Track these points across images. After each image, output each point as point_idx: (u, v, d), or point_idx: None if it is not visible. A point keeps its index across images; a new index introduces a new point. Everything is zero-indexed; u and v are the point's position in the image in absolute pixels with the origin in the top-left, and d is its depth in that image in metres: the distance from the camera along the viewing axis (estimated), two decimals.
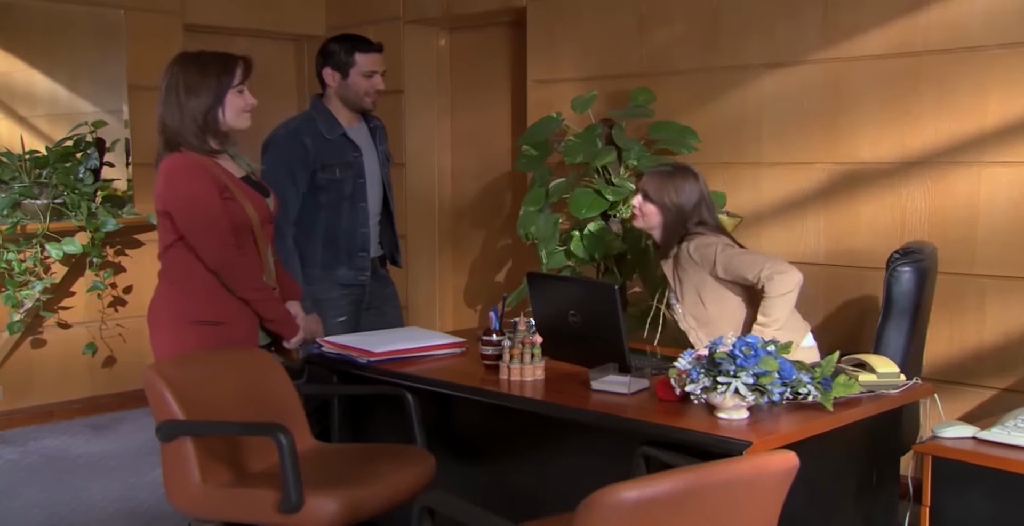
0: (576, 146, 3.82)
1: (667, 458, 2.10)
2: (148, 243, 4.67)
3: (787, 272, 2.74)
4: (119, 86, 4.65)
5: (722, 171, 3.85)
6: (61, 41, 4.73)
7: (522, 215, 3.97)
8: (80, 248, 4.29)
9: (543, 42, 4.43)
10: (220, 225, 2.60)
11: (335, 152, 3.29)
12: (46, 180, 4.34)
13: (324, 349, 2.85)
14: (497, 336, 2.63)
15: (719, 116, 3.86)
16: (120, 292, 4.63)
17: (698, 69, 3.92)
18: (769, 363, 2.10)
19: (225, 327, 2.65)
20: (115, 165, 4.65)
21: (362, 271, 3.36)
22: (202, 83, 2.63)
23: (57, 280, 4.40)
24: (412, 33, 5.04)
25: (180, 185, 2.60)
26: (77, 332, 4.53)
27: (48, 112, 4.74)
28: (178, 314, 2.64)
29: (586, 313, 2.55)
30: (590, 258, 3.77)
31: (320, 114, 3.32)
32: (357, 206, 3.34)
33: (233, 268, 2.63)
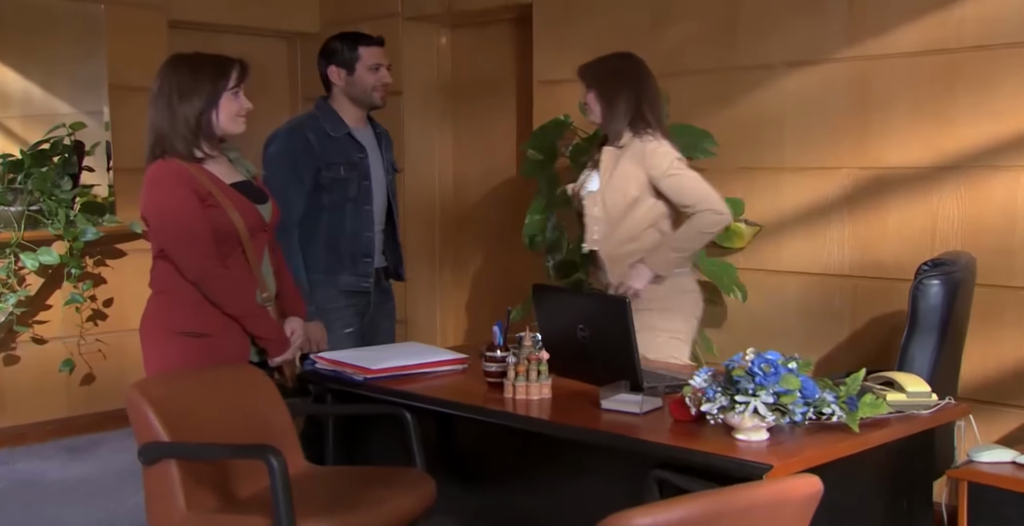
0: (585, 150, 3.84)
1: (682, 482, 2.11)
2: (130, 253, 4.68)
3: (724, 214, 3.05)
4: (99, 86, 4.66)
5: (741, 177, 3.87)
6: (36, 37, 4.73)
7: (528, 223, 3.99)
8: (57, 258, 4.31)
9: (550, 40, 4.45)
10: (199, 235, 2.63)
11: (340, 150, 3.34)
12: (21, 186, 4.35)
13: (318, 365, 2.86)
14: (501, 352, 2.64)
15: (737, 119, 3.88)
16: (100, 305, 4.64)
17: (715, 68, 3.94)
18: (790, 381, 2.11)
19: (211, 340, 2.67)
20: (95, 170, 4.65)
21: (365, 277, 3.38)
22: (195, 86, 2.67)
23: (32, 292, 4.41)
24: (411, 31, 5.07)
25: (157, 195, 2.64)
26: (53, 348, 4.53)
27: (22, 113, 4.75)
28: (164, 326, 2.67)
29: (596, 328, 2.56)
30: None
31: (324, 113, 3.38)
32: (361, 209, 3.37)
33: (214, 280, 2.65)
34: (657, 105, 3.20)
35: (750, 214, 3.82)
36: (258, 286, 2.76)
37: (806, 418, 2.15)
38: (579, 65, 3.28)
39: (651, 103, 3.18)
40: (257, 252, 2.76)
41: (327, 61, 3.41)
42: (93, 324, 4.62)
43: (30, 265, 4.26)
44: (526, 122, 4.69)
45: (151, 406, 2.36)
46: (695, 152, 3.79)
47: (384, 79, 3.41)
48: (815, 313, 3.72)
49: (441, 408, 2.58)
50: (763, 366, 2.12)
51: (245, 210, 2.73)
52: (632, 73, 3.20)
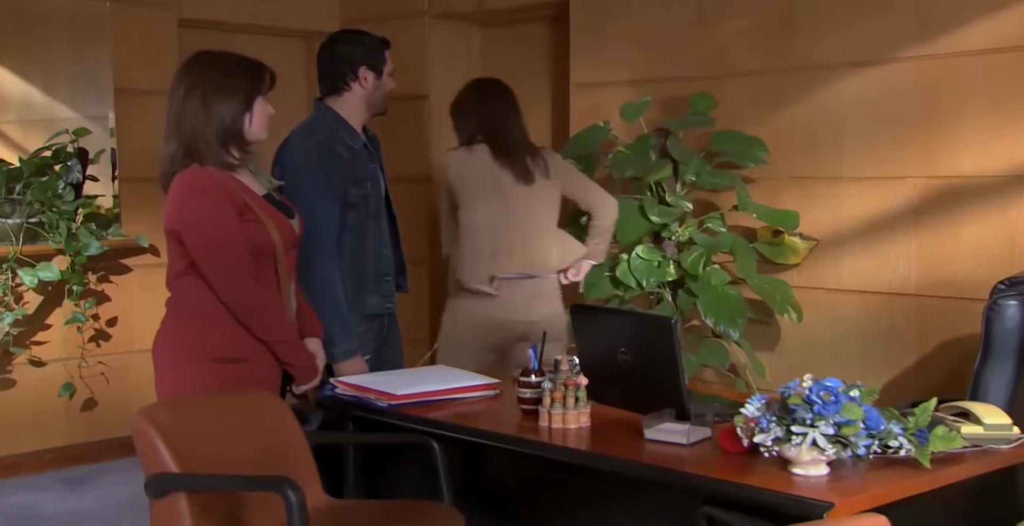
0: (626, 159, 3.86)
1: (733, 520, 2.10)
2: (136, 269, 4.71)
3: (615, 203, 3.59)
4: (103, 89, 4.70)
5: (795, 187, 3.86)
6: (35, 36, 4.78)
7: None
8: (58, 274, 4.33)
9: (588, 40, 4.48)
10: (239, 253, 2.63)
11: (362, 164, 3.32)
12: (20, 196, 4.35)
13: (338, 390, 2.87)
14: (536, 377, 2.64)
15: (792, 124, 3.88)
16: (103, 325, 4.68)
17: (768, 70, 3.94)
18: (852, 411, 2.10)
19: (249, 365, 2.69)
20: (99, 179, 4.68)
21: (389, 298, 3.38)
22: (233, 85, 2.68)
23: (30, 311, 4.44)
24: (439, 30, 5.11)
25: (196, 204, 2.63)
26: (52, 371, 4.56)
27: (21, 118, 4.79)
28: (195, 351, 2.68)
29: (638, 350, 2.56)
30: (638, 286, 3.79)
31: (336, 121, 3.32)
32: (380, 225, 3.37)
33: (253, 304, 2.66)
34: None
35: (805, 227, 3.81)
36: (285, 306, 2.77)
37: (870, 452, 2.13)
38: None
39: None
40: (287, 271, 2.78)
41: (358, 61, 3.33)
42: (95, 345, 4.65)
43: (28, 282, 4.27)
44: (562, 128, 4.71)
45: (159, 434, 2.37)
46: (745, 160, 3.80)
47: (393, 84, 3.41)
48: (878, 336, 3.70)
49: (471, 437, 2.58)
50: (822, 394, 2.12)
51: (281, 225, 2.75)
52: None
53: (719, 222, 3.85)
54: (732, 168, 3.86)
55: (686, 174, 3.82)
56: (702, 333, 3.89)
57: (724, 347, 3.80)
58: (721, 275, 3.74)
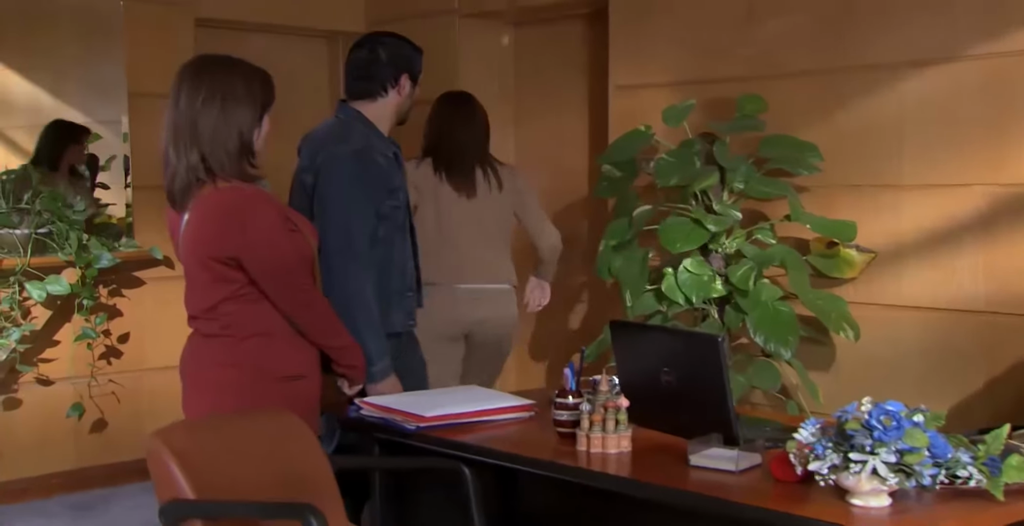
0: (669, 166, 3.85)
1: None
2: (150, 282, 4.75)
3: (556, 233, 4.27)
4: (115, 92, 4.74)
5: (852, 196, 3.84)
6: (43, 36, 4.83)
7: (602, 250, 4.01)
8: (67, 288, 4.36)
9: (629, 39, 4.48)
10: (299, 264, 2.76)
11: (395, 174, 3.33)
12: (28, 206, 4.39)
13: (364, 412, 2.89)
14: (574, 398, 2.65)
15: (848, 128, 3.86)
16: (114, 341, 4.71)
17: (822, 70, 3.93)
18: (916, 437, 2.08)
19: (308, 381, 2.81)
20: (110, 187, 4.73)
21: (410, 315, 3.40)
22: (248, 95, 2.72)
23: (38, 327, 4.47)
24: (469, 29, 5.13)
25: (257, 225, 2.68)
26: (61, 390, 4.59)
27: (28, 122, 4.83)
28: (261, 373, 2.74)
29: (683, 370, 2.56)
30: (686, 302, 3.78)
31: (367, 128, 3.32)
32: (407, 237, 3.39)
33: (320, 313, 2.81)
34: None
35: (863, 239, 3.79)
36: None
37: (936, 482, 2.12)
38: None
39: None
40: (315, 279, 2.90)
41: (402, 67, 3.35)
42: (106, 363, 4.68)
43: (36, 296, 4.30)
44: (600, 133, 4.72)
45: (175, 458, 2.38)
46: (796, 167, 3.79)
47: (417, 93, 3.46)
48: (942, 356, 3.67)
49: (504, 462, 2.59)
50: (883, 419, 2.10)
51: (313, 236, 2.86)
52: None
53: (769, 234, 3.84)
54: (783, 176, 3.85)
55: (734, 182, 3.81)
56: (751, 352, 3.87)
57: (775, 367, 3.78)
58: (772, 290, 3.72)
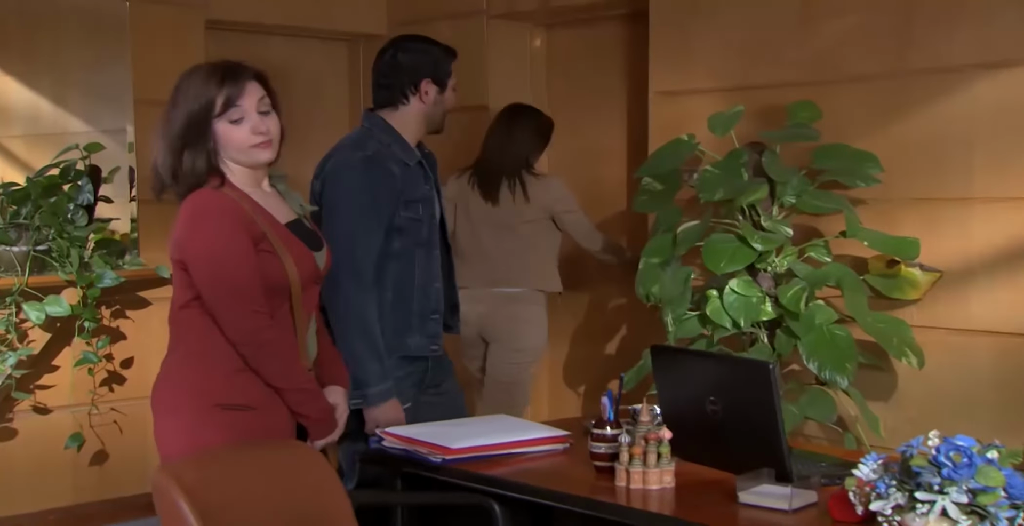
0: (715, 179, 3.85)
1: None
2: (156, 302, 4.75)
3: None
4: (121, 100, 4.77)
5: (915, 210, 3.83)
6: (44, 39, 4.86)
7: (642, 269, 4.00)
8: (68, 309, 4.35)
9: (671, 41, 4.48)
10: (249, 285, 2.68)
11: (415, 183, 3.35)
12: (26, 221, 4.40)
13: (386, 443, 2.89)
14: (612, 429, 2.65)
15: (911, 137, 3.85)
16: (117, 366, 4.72)
17: (882, 74, 3.92)
18: (990, 476, 2.07)
19: (257, 413, 2.73)
20: (113, 201, 4.74)
21: (435, 339, 3.40)
22: (186, 97, 2.76)
23: (36, 350, 4.46)
24: (499, 31, 5.15)
25: (203, 231, 2.69)
26: (59, 419, 4.59)
27: (27, 132, 4.88)
28: (196, 396, 2.72)
29: (731, 399, 2.56)
30: (733, 326, 3.78)
31: (390, 135, 3.35)
32: (431, 254, 3.40)
33: (263, 345, 2.70)
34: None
35: (927, 257, 3.77)
36: (301, 351, 2.81)
37: (1015, 525, 2.10)
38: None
39: None
40: (305, 310, 2.82)
41: (421, 73, 3.38)
42: (108, 389, 4.69)
43: (35, 318, 4.29)
44: (639, 143, 4.72)
45: (184, 494, 2.38)
46: (853, 179, 3.78)
47: (455, 101, 3.49)
48: (1017, 385, 3.64)
49: (537, 498, 2.59)
50: (953, 455, 2.09)
51: (301, 258, 2.79)
52: None
53: (823, 251, 3.83)
54: (839, 188, 3.83)
55: (785, 195, 3.81)
56: (804, 380, 3.86)
57: (830, 397, 3.76)
58: (826, 312, 3.71)
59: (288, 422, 2.79)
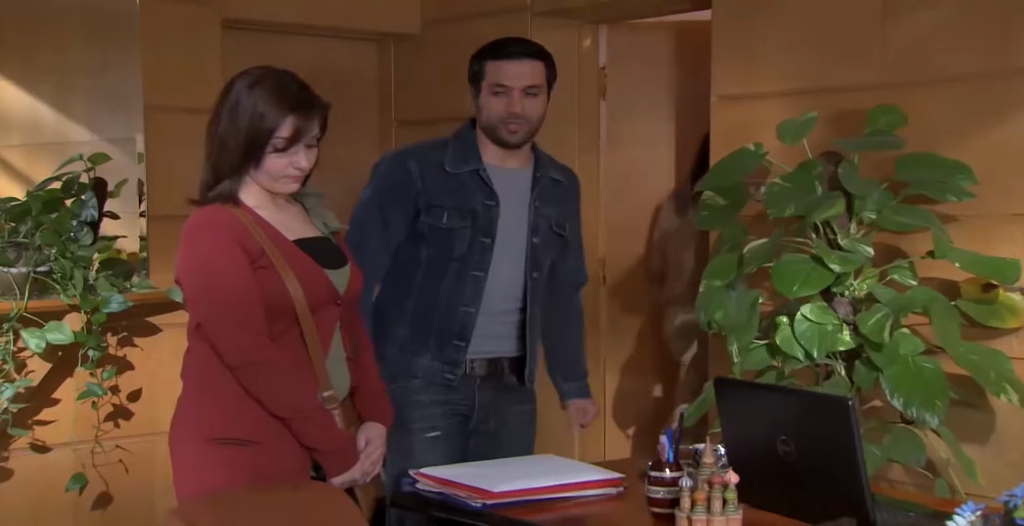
0: (785, 192, 3.83)
1: None
2: (167, 329, 4.75)
3: None
4: (129, 106, 4.78)
5: (1015, 226, 3.78)
6: (46, 40, 4.90)
7: (703, 292, 3.98)
8: (70, 336, 4.35)
9: (736, 40, 4.47)
10: (244, 304, 2.72)
11: (453, 191, 3.46)
12: (26, 240, 4.43)
13: (420, 485, 2.89)
14: (672, 472, 2.66)
15: (1009, 144, 3.81)
16: (124, 400, 4.72)
17: (977, 74, 3.89)
18: None
19: (259, 449, 2.76)
20: (120, 217, 4.76)
21: (451, 367, 3.47)
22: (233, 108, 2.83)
23: (35, 382, 4.46)
24: (544, 30, 5.14)
25: (194, 249, 2.76)
26: (59, 458, 4.60)
27: (26, 141, 4.93)
28: (196, 429, 2.78)
29: (805, 439, 2.55)
30: (806, 357, 3.74)
31: (459, 141, 3.54)
32: (467, 274, 3.45)
33: (259, 367, 2.73)
34: None
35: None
36: (319, 380, 2.82)
37: None
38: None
39: None
40: (321, 334, 2.84)
41: (470, 80, 3.60)
42: (114, 425, 4.70)
43: (34, 346, 4.29)
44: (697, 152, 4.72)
45: None
46: (943, 192, 3.74)
47: (511, 108, 3.50)
48: None
49: None
50: None
51: (308, 276, 2.81)
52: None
53: (908, 273, 3.79)
54: (926, 203, 3.80)
55: (864, 211, 3.78)
56: (888, 418, 3.81)
57: (918, 437, 3.71)
58: (912, 342, 3.67)
59: (300, 458, 2.82)
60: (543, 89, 3.58)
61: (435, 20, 5.34)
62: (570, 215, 3.74)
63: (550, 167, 3.67)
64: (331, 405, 2.86)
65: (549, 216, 3.61)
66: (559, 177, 3.67)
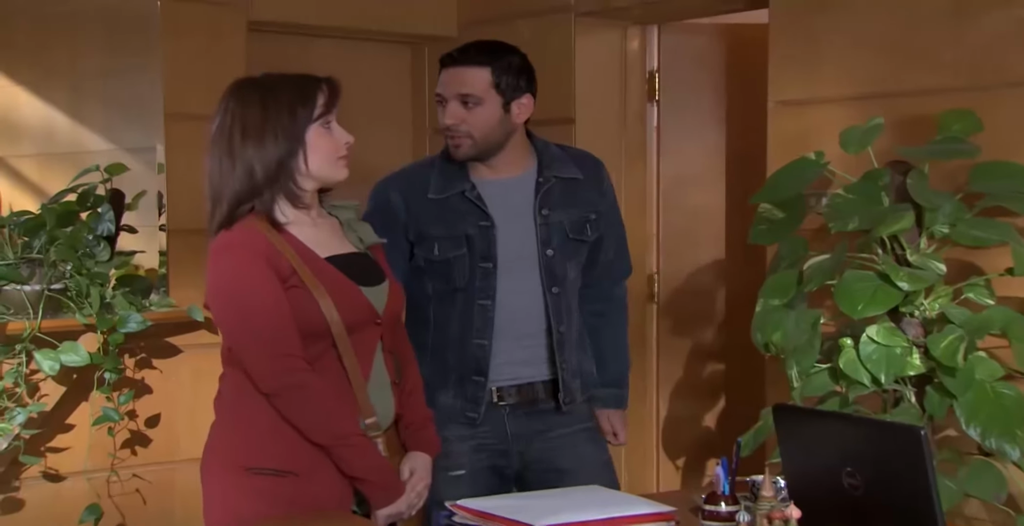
0: (849, 204, 3.81)
1: None
2: (188, 350, 4.78)
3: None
4: (147, 113, 4.82)
5: None
6: (59, 44, 4.93)
7: (760, 312, 3.97)
8: (86, 358, 4.37)
9: (795, 39, 4.46)
10: (277, 326, 2.72)
11: (439, 218, 3.46)
12: (40, 255, 4.45)
13: (457, 518, 2.87)
14: (728, 505, 2.64)
15: None
16: (141, 425, 4.76)
17: None
18: None
19: (297, 479, 2.75)
20: (138, 231, 4.78)
21: (473, 405, 3.46)
22: (263, 118, 2.81)
23: (48, 407, 4.50)
24: (588, 32, 5.16)
25: (222, 271, 2.77)
26: (73, 487, 4.62)
27: (40, 151, 4.96)
28: (230, 459, 2.78)
29: (873, 472, 2.52)
30: (873, 382, 3.71)
31: (444, 159, 3.52)
32: (473, 304, 3.45)
33: (296, 390, 2.73)
34: None
35: None
36: (360, 407, 2.83)
37: None
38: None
39: None
40: (360, 357, 2.84)
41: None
42: (131, 452, 4.72)
43: (47, 368, 4.30)
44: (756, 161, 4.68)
45: None
46: (1022, 204, 3.71)
47: (444, 119, 3.49)
48: None
49: None
50: None
51: (343, 295, 2.82)
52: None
53: (985, 292, 3.75)
54: (1004, 215, 3.76)
55: (935, 224, 3.75)
56: (963, 449, 3.77)
57: (997, 470, 3.67)
58: (990, 367, 3.63)
59: (340, 489, 2.81)
60: (485, 98, 3.45)
61: (473, 21, 5.35)
62: (594, 209, 3.64)
63: (558, 165, 3.58)
64: (373, 433, 2.86)
65: (564, 221, 3.54)
66: (572, 174, 3.59)
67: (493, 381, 3.49)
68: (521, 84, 3.49)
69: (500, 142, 3.48)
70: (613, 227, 3.76)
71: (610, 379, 3.78)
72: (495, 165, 3.52)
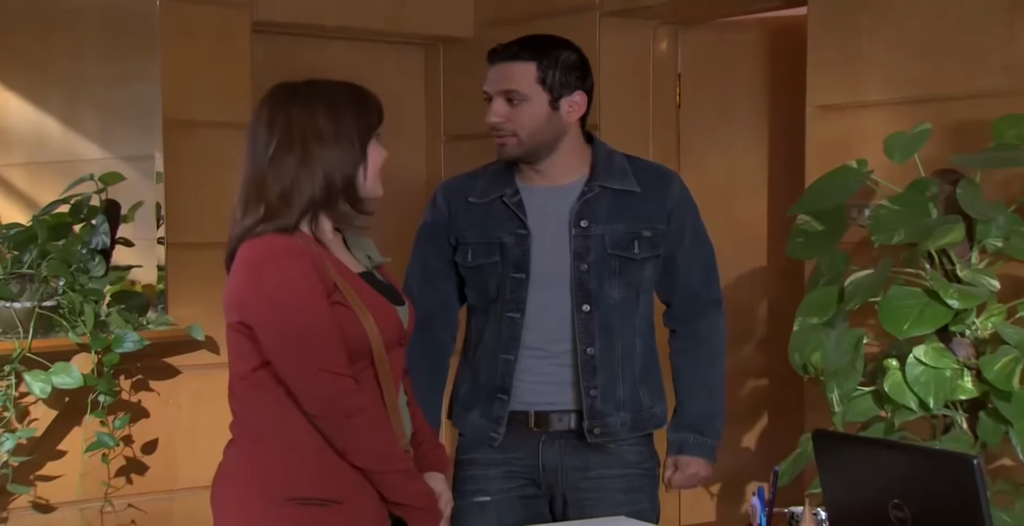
0: (893, 216, 3.79)
1: None
2: (187, 371, 4.79)
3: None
4: (145, 119, 4.83)
5: None
6: (52, 47, 4.96)
7: (797, 331, 3.96)
8: (79, 380, 4.37)
9: (836, 40, 4.45)
10: (328, 343, 2.71)
11: (477, 223, 3.48)
12: (31, 270, 4.44)
13: None
14: None
15: None
16: (137, 452, 4.75)
17: None
18: None
19: (340, 509, 2.74)
20: (135, 244, 4.78)
21: (494, 424, 3.44)
22: (335, 128, 2.80)
23: (38, 432, 4.50)
24: (614, 31, 5.16)
25: (266, 279, 2.71)
26: (64, 518, 4.62)
27: (31, 159, 4.97)
28: (265, 488, 2.74)
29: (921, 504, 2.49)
30: (920, 407, 3.70)
31: (498, 164, 3.54)
32: (503, 317, 3.43)
33: (349, 415, 2.72)
34: None
35: None
36: (396, 426, 2.83)
37: None
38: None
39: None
40: (394, 377, 2.84)
41: None
42: (126, 481, 4.72)
43: (38, 390, 4.30)
44: (793, 170, 4.68)
45: None
46: None
47: (488, 119, 3.46)
48: None
49: None
50: None
51: (382, 314, 2.82)
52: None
53: None
54: None
55: (987, 237, 3.73)
56: (1019, 479, 3.75)
57: None
58: None
59: (381, 517, 2.81)
60: (530, 95, 3.42)
61: (490, 22, 5.35)
62: (650, 225, 3.51)
63: (612, 175, 3.50)
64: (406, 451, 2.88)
65: (605, 235, 3.46)
66: (627, 186, 3.50)
67: (521, 402, 3.45)
68: (571, 80, 3.44)
69: (549, 142, 3.44)
70: (692, 250, 3.62)
71: (681, 422, 3.61)
72: (545, 170, 3.48)
